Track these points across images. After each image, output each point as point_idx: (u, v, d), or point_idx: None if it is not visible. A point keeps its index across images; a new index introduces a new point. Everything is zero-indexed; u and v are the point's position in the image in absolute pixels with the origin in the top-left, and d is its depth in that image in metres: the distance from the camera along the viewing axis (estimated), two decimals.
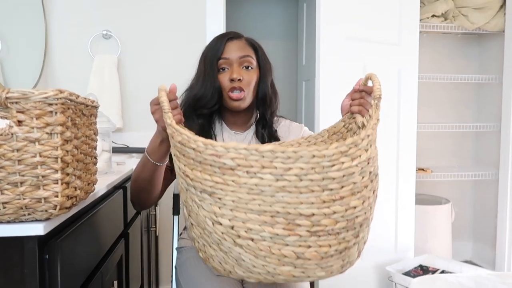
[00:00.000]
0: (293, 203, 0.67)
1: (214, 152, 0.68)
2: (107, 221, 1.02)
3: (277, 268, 0.71)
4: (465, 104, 2.77)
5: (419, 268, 2.07)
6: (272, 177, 0.66)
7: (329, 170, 0.67)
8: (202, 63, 1.12)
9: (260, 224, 0.68)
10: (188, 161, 0.73)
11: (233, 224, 0.70)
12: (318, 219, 0.69)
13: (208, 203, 0.71)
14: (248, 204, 0.68)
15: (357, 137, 0.70)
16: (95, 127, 0.81)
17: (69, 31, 1.94)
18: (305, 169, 0.66)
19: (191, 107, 1.12)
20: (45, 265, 0.65)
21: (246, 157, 0.66)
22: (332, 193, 0.68)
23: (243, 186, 0.67)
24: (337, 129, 0.97)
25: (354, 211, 0.71)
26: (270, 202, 0.67)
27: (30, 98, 0.58)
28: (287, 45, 3.05)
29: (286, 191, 0.67)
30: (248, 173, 0.67)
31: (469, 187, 2.79)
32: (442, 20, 2.46)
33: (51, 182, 0.60)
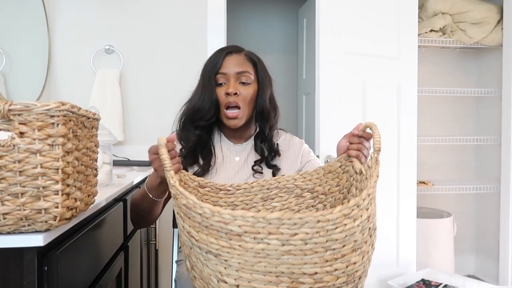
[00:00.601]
0: (298, 264, 0.70)
1: (221, 219, 0.69)
2: (107, 233, 1.02)
3: None
4: (465, 117, 2.78)
5: (421, 282, 2.05)
6: (278, 242, 0.69)
7: (333, 232, 0.70)
8: (202, 76, 1.15)
9: (265, 283, 0.71)
10: (193, 224, 0.75)
11: (239, 283, 0.72)
12: (320, 277, 0.71)
13: (214, 263, 0.73)
14: (254, 266, 0.70)
15: (359, 198, 0.73)
16: (96, 139, 0.82)
17: (72, 46, 1.97)
18: (310, 233, 0.69)
19: (189, 118, 1.14)
20: (44, 277, 0.65)
21: (253, 224, 0.68)
22: (335, 252, 0.71)
23: (249, 251, 0.70)
24: (333, 169, 1.00)
25: (354, 267, 0.74)
26: (276, 264, 0.70)
27: (32, 110, 0.59)
28: (287, 59, 3.09)
29: (291, 254, 0.69)
30: (255, 239, 0.69)
31: (470, 201, 2.78)
32: (441, 35, 2.49)
33: (51, 193, 0.60)
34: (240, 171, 1.15)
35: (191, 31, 2.05)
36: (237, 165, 1.16)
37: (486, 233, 2.68)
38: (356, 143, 0.93)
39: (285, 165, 1.18)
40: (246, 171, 1.15)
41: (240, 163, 1.17)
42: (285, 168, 1.17)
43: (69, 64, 1.97)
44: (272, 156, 1.17)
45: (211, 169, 1.13)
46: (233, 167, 1.16)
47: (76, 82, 1.97)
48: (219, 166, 1.15)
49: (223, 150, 1.18)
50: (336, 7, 1.95)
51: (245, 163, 1.17)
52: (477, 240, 2.78)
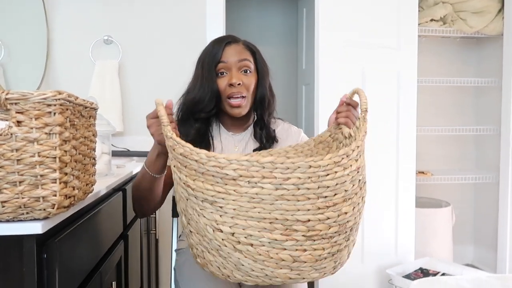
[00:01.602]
0: (291, 210, 0.73)
1: (217, 163, 0.72)
2: (106, 222, 1.03)
3: (274, 271, 0.76)
4: (465, 107, 2.78)
5: (419, 271, 2.07)
6: (272, 186, 0.71)
7: (324, 179, 0.73)
8: (200, 67, 1.13)
9: (259, 230, 0.73)
10: (190, 172, 0.76)
11: (234, 231, 0.74)
12: (313, 225, 0.74)
13: (209, 212, 0.75)
14: (248, 212, 0.73)
15: (348, 148, 0.76)
16: (94, 129, 0.82)
17: (71, 37, 1.96)
18: (302, 178, 0.71)
19: (188, 110, 1.13)
20: (44, 265, 0.66)
21: (247, 168, 0.71)
22: (326, 200, 0.74)
23: (244, 195, 0.72)
24: (323, 139, 1.02)
25: (345, 217, 0.77)
26: (270, 210, 0.72)
27: (29, 99, 0.60)
28: (287, 50, 3.07)
29: (284, 199, 0.72)
30: (249, 183, 0.71)
31: (470, 190, 2.79)
32: (441, 24, 2.47)
33: (49, 182, 0.61)
34: None
35: (190, 21, 2.04)
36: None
37: (484, 223, 2.69)
38: (344, 111, 0.97)
39: None
40: None
41: (237, 152, 1.17)
42: None
43: (68, 55, 1.96)
44: (270, 143, 1.18)
45: None
46: None
47: (75, 73, 1.97)
48: None
49: (222, 141, 1.18)
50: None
51: (244, 152, 1.18)
52: (475, 230, 2.79)
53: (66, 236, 0.73)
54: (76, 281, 0.79)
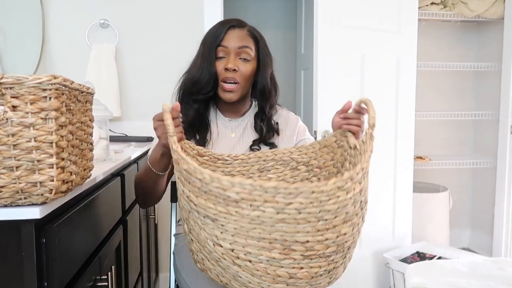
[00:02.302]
0: (291, 232, 0.73)
1: (220, 185, 0.72)
2: (105, 207, 1.03)
3: (271, 285, 0.78)
4: (464, 92, 2.77)
5: (416, 254, 2.09)
6: (273, 210, 0.71)
7: (326, 203, 0.72)
8: (202, 47, 1.13)
9: (258, 249, 0.74)
10: (193, 189, 0.77)
11: (233, 248, 0.75)
12: (312, 245, 0.75)
13: (211, 227, 0.76)
14: (249, 232, 0.73)
15: (353, 171, 0.75)
16: (90, 114, 0.81)
17: (67, 21, 1.94)
18: (304, 203, 0.71)
19: (188, 90, 1.13)
20: (43, 249, 0.66)
21: (250, 192, 0.71)
22: (326, 222, 0.74)
23: (245, 217, 0.72)
24: (328, 143, 1.01)
25: (344, 237, 0.77)
26: (270, 231, 0.73)
27: (24, 84, 0.59)
28: (286, 35, 3.04)
29: (285, 222, 0.72)
30: (251, 206, 0.72)
31: (467, 175, 2.80)
32: (441, 8, 2.44)
33: (46, 167, 0.61)
34: (235, 147, 1.15)
35: (188, 5, 2.01)
36: (232, 141, 1.16)
37: (481, 207, 2.72)
38: (355, 119, 0.94)
39: (282, 142, 1.19)
40: (241, 147, 1.16)
41: (235, 139, 1.17)
42: (282, 145, 1.18)
43: (64, 39, 1.94)
44: (271, 135, 1.18)
45: (207, 144, 1.13)
46: (228, 143, 1.16)
47: (72, 57, 1.95)
48: (215, 142, 1.15)
49: (218, 126, 1.18)
50: None
51: (241, 139, 1.17)
52: (472, 214, 2.82)
53: (64, 221, 0.73)
54: (76, 265, 0.80)
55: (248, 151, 1.14)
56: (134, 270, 1.36)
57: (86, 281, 0.84)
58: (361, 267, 2.11)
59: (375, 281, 2.14)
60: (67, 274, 0.74)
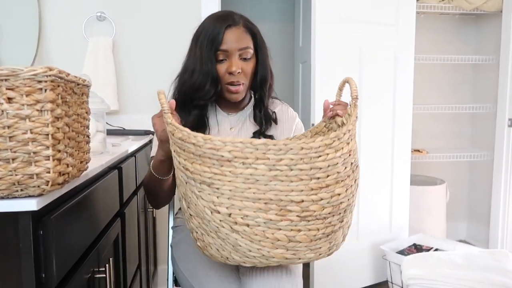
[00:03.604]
0: (285, 191, 0.75)
1: (213, 146, 0.75)
2: (103, 200, 1.03)
3: (271, 251, 0.79)
4: (462, 85, 2.77)
5: (413, 247, 2.10)
6: (265, 167, 0.74)
7: (316, 160, 0.76)
8: (198, 49, 1.06)
9: (255, 210, 0.76)
10: (188, 155, 0.79)
11: (230, 212, 0.77)
12: (307, 205, 0.77)
13: (207, 193, 0.78)
14: (244, 192, 0.75)
15: (339, 131, 0.79)
16: (87, 106, 0.81)
17: (63, 14, 1.92)
18: (294, 159, 0.74)
19: (187, 96, 1.10)
20: (40, 241, 0.66)
21: (242, 149, 0.74)
22: (319, 181, 0.77)
23: (239, 176, 0.75)
24: (319, 129, 1.05)
25: (338, 198, 0.79)
26: (264, 190, 0.75)
27: (19, 75, 0.59)
28: (284, 27, 3.03)
29: (278, 180, 0.74)
30: (243, 164, 0.74)
31: (465, 168, 2.81)
32: (440, 1, 2.43)
33: (42, 159, 0.61)
34: None
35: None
36: (231, 135, 1.16)
37: (478, 200, 2.73)
38: (337, 105, 1.01)
39: (280, 135, 1.19)
40: None
41: (234, 133, 1.17)
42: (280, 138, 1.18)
43: (61, 32, 1.93)
44: (269, 124, 1.18)
45: None
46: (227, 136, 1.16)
47: (68, 51, 1.94)
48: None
49: (218, 121, 1.17)
50: None
51: (240, 133, 1.17)
52: (469, 207, 2.83)
53: (62, 213, 0.73)
54: (74, 257, 0.80)
55: None
56: (132, 263, 1.37)
57: (84, 273, 0.84)
58: (358, 259, 2.12)
59: (372, 273, 2.16)
60: (64, 266, 0.74)
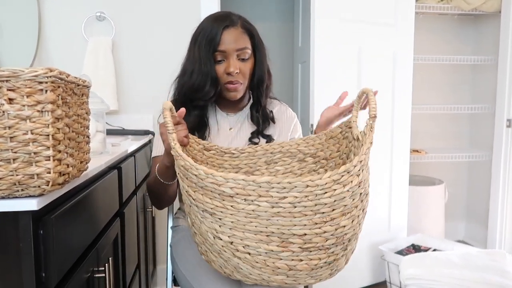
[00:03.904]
0: (287, 225, 0.73)
1: (214, 181, 0.73)
2: (102, 200, 1.04)
3: (271, 276, 0.79)
4: (461, 85, 2.77)
5: (411, 247, 2.11)
6: (268, 204, 0.72)
7: (322, 197, 0.72)
8: (197, 50, 1.08)
9: (256, 241, 0.75)
10: (191, 184, 0.79)
11: (232, 240, 0.76)
12: (309, 238, 0.75)
13: (209, 221, 0.78)
14: (245, 225, 0.74)
15: (350, 164, 0.74)
16: (87, 107, 0.82)
17: (63, 14, 1.93)
18: (298, 197, 0.71)
19: (186, 97, 1.11)
20: (40, 240, 0.67)
21: (244, 186, 0.72)
22: (324, 215, 0.74)
23: (241, 211, 0.74)
24: (334, 134, 1.01)
25: (343, 230, 0.77)
26: (266, 224, 0.74)
27: (20, 76, 0.59)
28: (283, 27, 3.03)
29: (280, 216, 0.73)
30: (245, 201, 0.73)
31: (463, 168, 2.82)
32: (439, 1, 2.44)
33: (43, 159, 0.61)
34: (233, 141, 1.16)
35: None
36: (230, 136, 1.17)
37: (477, 200, 2.74)
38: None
39: (278, 135, 1.19)
40: (240, 141, 1.16)
41: (233, 133, 1.17)
42: (279, 138, 1.18)
43: (60, 32, 1.93)
44: (267, 124, 1.18)
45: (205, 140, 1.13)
46: (227, 137, 1.16)
47: (68, 50, 1.94)
48: (214, 138, 1.15)
49: (218, 122, 1.17)
50: None
51: (239, 133, 1.17)
52: (468, 207, 2.84)
53: (62, 213, 0.73)
54: (73, 257, 0.81)
55: (246, 145, 1.15)
56: (131, 262, 1.37)
57: (83, 273, 0.85)
58: (357, 259, 2.13)
59: (371, 273, 2.16)
60: (64, 265, 0.75)
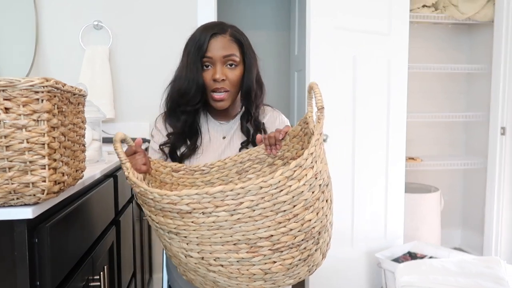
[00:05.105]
0: (251, 230, 0.73)
1: (170, 200, 0.73)
2: (98, 208, 1.04)
3: (249, 284, 0.79)
4: (456, 93, 2.80)
5: (407, 254, 2.11)
6: (226, 213, 0.72)
7: (278, 195, 0.72)
8: (186, 57, 1.10)
9: (225, 252, 0.75)
10: (150, 209, 0.79)
11: (202, 256, 0.77)
12: (277, 238, 0.75)
13: (177, 241, 0.78)
14: (211, 238, 0.74)
15: (300, 158, 0.74)
16: (83, 116, 0.83)
17: (60, 22, 1.94)
18: (255, 200, 0.71)
19: (175, 102, 1.12)
20: (35, 249, 0.67)
21: (199, 200, 0.72)
22: (285, 213, 0.74)
23: (202, 225, 0.73)
24: (296, 133, 1.02)
25: (310, 224, 0.77)
26: (230, 233, 0.74)
27: (16, 86, 0.60)
28: (280, 36, 3.06)
29: (242, 222, 0.73)
30: (204, 214, 0.73)
31: (458, 176, 2.84)
32: (433, 10, 2.47)
33: (38, 168, 0.62)
34: (226, 150, 1.15)
35: (181, 6, 2.02)
36: (223, 144, 1.16)
37: (472, 207, 2.75)
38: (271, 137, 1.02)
39: None
40: (232, 150, 1.15)
41: (226, 142, 1.16)
42: None
43: (58, 40, 1.94)
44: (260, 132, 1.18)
45: (197, 149, 1.13)
46: (219, 146, 1.16)
47: (65, 59, 1.95)
48: (206, 146, 1.15)
49: (209, 131, 1.17)
50: None
51: (231, 142, 1.16)
52: (463, 214, 2.85)
53: (57, 221, 0.74)
54: (68, 265, 0.81)
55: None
56: (127, 271, 1.37)
57: (78, 281, 0.85)
58: (353, 267, 2.13)
59: (367, 281, 2.16)
60: (59, 274, 0.75)
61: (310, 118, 0.95)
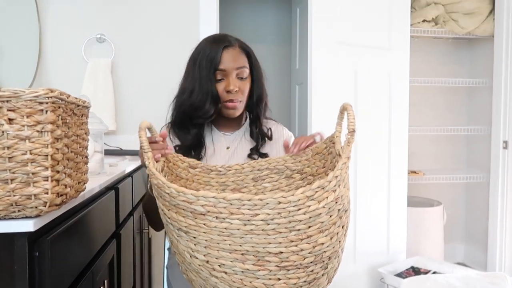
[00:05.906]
0: (262, 243, 0.72)
1: (186, 198, 0.73)
2: (99, 221, 1.02)
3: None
4: (457, 107, 2.81)
5: (411, 269, 2.09)
6: (240, 222, 0.71)
7: (296, 213, 0.71)
8: (197, 70, 1.10)
9: (231, 260, 0.74)
10: (164, 203, 0.79)
11: (208, 259, 0.75)
12: (286, 256, 0.73)
13: (185, 240, 0.77)
14: (219, 244, 0.73)
15: (324, 180, 0.73)
16: (86, 127, 0.82)
17: (63, 35, 1.95)
18: (271, 214, 0.70)
19: (186, 115, 1.12)
20: (35, 263, 0.66)
21: (215, 204, 0.71)
22: (299, 233, 0.72)
23: (214, 229, 0.73)
24: (320, 150, 1.01)
25: (322, 247, 0.75)
26: (240, 243, 0.72)
27: (21, 97, 0.60)
28: (281, 49, 3.08)
29: (254, 233, 0.71)
30: (217, 218, 0.72)
31: (461, 190, 2.82)
32: (433, 25, 2.50)
33: (41, 179, 0.61)
34: (230, 160, 1.16)
35: (184, 20, 2.04)
36: (227, 155, 1.17)
37: (475, 222, 2.72)
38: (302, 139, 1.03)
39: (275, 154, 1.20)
40: (237, 160, 1.16)
41: (230, 153, 1.18)
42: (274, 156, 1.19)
43: (61, 53, 1.95)
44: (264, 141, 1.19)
45: (201, 160, 1.13)
46: (223, 157, 1.17)
47: (68, 71, 1.96)
48: (210, 157, 1.16)
49: (214, 142, 1.18)
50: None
51: (235, 152, 1.18)
52: (466, 229, 2.82)
53: (58, 234, 0.72)
54: (68, 279, 0.79)
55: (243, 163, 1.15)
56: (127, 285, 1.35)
57: None
58: (356, 282, 2.10)
59: None
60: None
61: (337, 139, 0.94)
